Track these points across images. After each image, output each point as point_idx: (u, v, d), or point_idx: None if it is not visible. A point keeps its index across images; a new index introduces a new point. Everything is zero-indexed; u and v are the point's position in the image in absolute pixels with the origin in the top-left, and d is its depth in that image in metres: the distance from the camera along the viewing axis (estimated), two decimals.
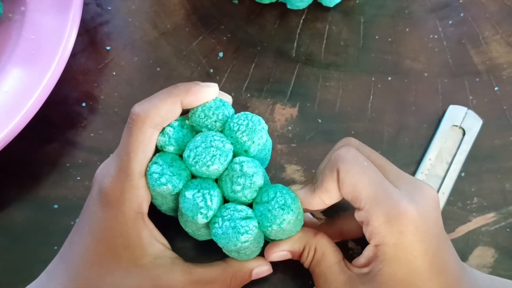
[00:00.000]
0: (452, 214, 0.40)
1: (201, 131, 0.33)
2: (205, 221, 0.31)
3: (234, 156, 0.32)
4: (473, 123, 0.42)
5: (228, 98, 0.35)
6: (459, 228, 0.39)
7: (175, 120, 0.33)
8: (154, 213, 0.34)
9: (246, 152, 0.32)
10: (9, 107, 0.39)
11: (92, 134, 0.42)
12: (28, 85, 0.40)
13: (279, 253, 0.33)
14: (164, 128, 0.33)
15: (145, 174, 0.32)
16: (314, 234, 0.33)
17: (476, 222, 0.39)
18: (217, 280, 0.33)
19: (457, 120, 0.42)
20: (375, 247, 0.30)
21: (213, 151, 0.31)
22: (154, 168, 0.31)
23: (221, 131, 0.33)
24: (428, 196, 0.30)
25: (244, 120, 0.32)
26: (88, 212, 0.33)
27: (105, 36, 0.46)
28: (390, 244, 0.29)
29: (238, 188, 0.31)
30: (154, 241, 0.32)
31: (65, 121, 0.43)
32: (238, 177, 0.31)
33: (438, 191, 0.40)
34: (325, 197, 0.31)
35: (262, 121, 0.33)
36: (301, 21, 0.47)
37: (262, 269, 0.34)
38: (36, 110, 0.39)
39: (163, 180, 0.31)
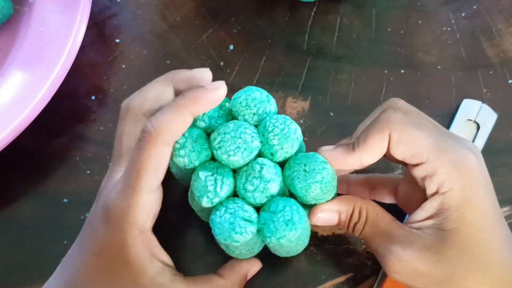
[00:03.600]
0: None
1: (237, 119, 0.32)
2: (209, 205, 0.30)
3: (260, 155, 0.32)
4: (488, 117, 0.41)
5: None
6: None
7: None
8: (159, 227, 0.33)
9: (272, 155, 0.31)
10: (18, 100, 0.39)
11: (102, 128, 0.42)
12: (37, 78, 0.39)
13: (326, 215, 0.32)
14: None
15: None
16: (360, 197, 0.33)
17: None
18: None
19: (471, 114, 0.41)
20: (441, 196, 0.30)
21: (240, 143, 0.30)
22: (180, 139, 0.31)
23: (256, 126, 0.32)
24: (475, 147, 0.32)
25: (281, 124, 0.31)
26: (90, 226, 0.32)
27: (114, 29, 0.46)
28: (458, 188, 0.29)
29: (250, 188, 0.30)
30: (155, 259, 0.31)
31: (74, 115, 0.43)
32: (254, 177, 0.30)
33: None
34: (366, 156, 0.30)
35: (299, 131, 0.31)
36: (312, 13, 0.46)
37: (254, 269, 0.34)
38: (45, 104, 0.39)
39: (181, 152, 0.31)
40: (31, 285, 0.37)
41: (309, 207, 0.32)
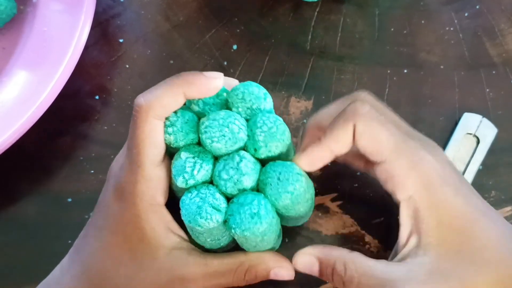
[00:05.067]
0: None
1: (231, 109, 0.32)
2: (183, 186, 0.31)
3: (244, 149, 0.32)
4: (488, 131, 0.41)
5: (235, 82, 0.35)
6: None
7: None
8: (175, 204, 0.34)
9: (255, 151, 0.31)
10: (22, 100, 0.39)
11: (106, 127, 0.42)
12: (41, 78, 0.39)
13: (305, 259, 0.32)
14: None
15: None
16: (347, 251, 0.31)
17: None
18: (231, 271, 0.32)
19: (471, 128, 0.41)
20: (411, 201, 0.29)
21: (226, 131, 0.30)
22: (171, 116, 0.31)
23: (247, 120, 0.32)
24: (438, 149, 0.32)
25: (271, 122, 0.31)
26: (103, 206, 0.33)
27: (117, 28, 0.46)
28: (421, 189, 0.29)
29: (225, 176, 0.30)
30: (170, 233, 0.32)
31: (78, 114, 0.43)
32: (231, 167, 0.30)
33: None
34: (334, 146, 0.31)
35: (287, 134, 0.31)
36: (315, 13, 0.47)
37: (282, 271, 0.33)
38: (49, 104, 0.39)
39: (170, 130, 0.31)
40: (34, 284, 0.37)
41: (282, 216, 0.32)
